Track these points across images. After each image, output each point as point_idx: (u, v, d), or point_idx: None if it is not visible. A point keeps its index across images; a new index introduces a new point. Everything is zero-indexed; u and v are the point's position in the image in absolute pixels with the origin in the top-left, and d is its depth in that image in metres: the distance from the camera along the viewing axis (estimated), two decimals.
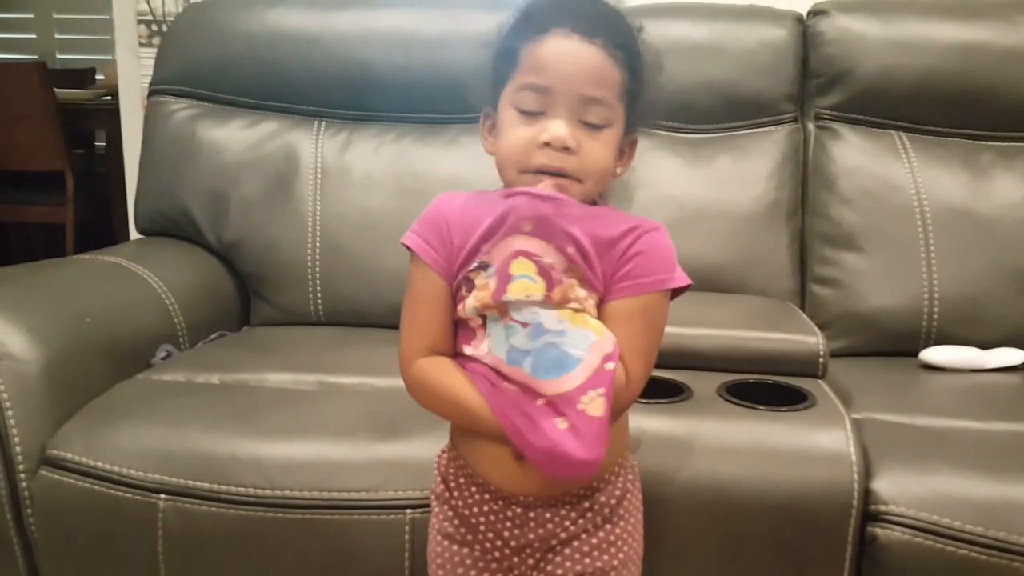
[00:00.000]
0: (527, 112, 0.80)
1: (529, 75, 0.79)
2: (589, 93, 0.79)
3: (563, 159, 0.79)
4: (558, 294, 0.78)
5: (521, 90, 0.80)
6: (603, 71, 0.79)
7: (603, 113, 0.79)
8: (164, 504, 1.07)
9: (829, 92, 1.61)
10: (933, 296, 1.47)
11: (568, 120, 0.79)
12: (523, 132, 0.80)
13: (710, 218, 1.55)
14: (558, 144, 0.78)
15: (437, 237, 0.83)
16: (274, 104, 1.68)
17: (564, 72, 0.78)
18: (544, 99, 0.79)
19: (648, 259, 0.81)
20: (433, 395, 0.85)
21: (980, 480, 1.01)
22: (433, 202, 0.86)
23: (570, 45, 0.78)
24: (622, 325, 0.80)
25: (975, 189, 1.52)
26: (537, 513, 0.85)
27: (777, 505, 0.99)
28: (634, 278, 0.81)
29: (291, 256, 1.60)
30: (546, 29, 0.79)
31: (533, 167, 0.80)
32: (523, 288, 0.77)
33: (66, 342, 1.20)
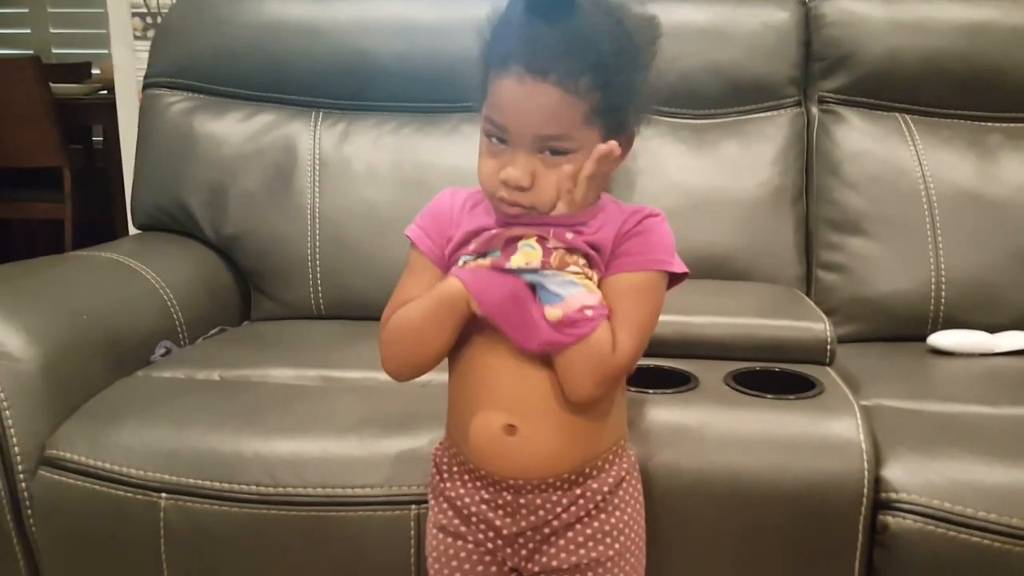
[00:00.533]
0: (495, 140, 0.80)
1: (490, 110, 0.79)
2: (544, 132, 0.77)
3: (519, 196, 0.79)
4: (556, 259, 0.78)
5: (486, 120, 0.80)
6: (558, 110, 0.76)
7: (564, 145, 0.78)
8: (166, 503, 1.06)
9: (833, 75, 1.60)
10: (941, 280, 1.46)
11: (527, 154, 0.78)
12: (488, 164, 0.80)
13: (715, 205, 1.53)
14: (511, 184, 0.78)
15: (435, 230, 0.87)
16: (271, 95, 1.66)
17: (515, 117, 0.77)
18: (503, 133, 0.79)
19: (647, 239, 0.82)
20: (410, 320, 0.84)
21: (992, 466, 1.00)
22: (437, 196, 0.89)
23: (521, 91, 0.76)
24: (616, 298, 0.81)
25: (982, 171, 1.51)
26: (528, 499, 0.85)
27: (787, 495, 0.98)
28: (632, 255, 0.81)
29: (291, 250, 1.59)
30: (505, 64, 0.77)
31: (496, 199, 0.81)
32: (524, 256, 0.79)
33: (64, 340, 1.19)
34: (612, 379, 0.82)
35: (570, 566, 0.86)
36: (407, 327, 0.85)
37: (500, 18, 0.81)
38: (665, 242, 0.83)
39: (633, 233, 0.82)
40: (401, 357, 0.87)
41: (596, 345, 0.79)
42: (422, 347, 0.85)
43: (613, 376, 0.82)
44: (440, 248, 0.86)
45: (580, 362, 0.80)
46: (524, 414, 0.83)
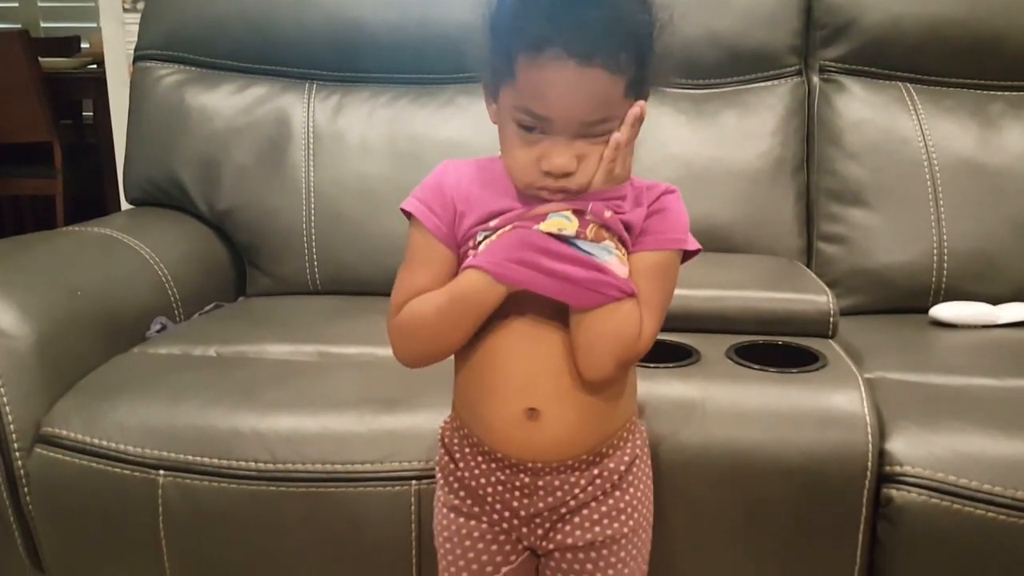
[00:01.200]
0: (528, 129, 0.76)
1: (526, 99, 0.74)
2: (592, 118, 0.74)
3: (564, 182, 0.76)
4: (591, 232, 0.76)
5: (519, 111, 0.76)
6: (605, 94, 0.73)
7: (606, 127, 0.75)
8: (164, 480, 1.05)
9: (834, 43, 1.57)
10: (943, 251, 1.45)
11: (570, 141, 0.75)
12: (525, 154, 0.76)
13: (715, 177, 1.52)
14: (557, 173, 0.75)
15: (440, 204, 0.82)
16: (264, 67, 1.64)
17: (564, 105, 0.73)
18: (543, 124, 0.75)
19: (666, 218, 0.81)
20: (423, 317, 0.81)
21: (997, 438, 1.00)
22: (437, 169, 0.84)
23: (568, 78, 0.72)
24: (639, 277, 0.79)
25: (985, 141, 1.49)
26: (546, 481, 0.83)
27: (790, 468, 0.98)
28: (653, 233, 0.80)
29: (286, 224, 1.57)
30: (540, 47, 0.72)
31: (536, 188, 0.77)
32: (556, 224, 0.76)
33: (58, 317, 1.17)
34: (633, 360, 0.81)
35: (585, 543, 0.85)
36: (422, 324, 0.82)
37: None
38: (682, 220, 0.82)
39: (654, 211, 0.80)
40: (415, 351, 0.84)
41: (624, 325, 0.78)
42: (439, 343, 0.83)
43: (635, 356, 0.81)
44: (448, 225, 0.81)
45: (606, 340, 0.78)
46: (543, 398, 0.81)
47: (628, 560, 0.86)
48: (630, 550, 0.86)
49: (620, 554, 0.85)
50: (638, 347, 0.80)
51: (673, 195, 0.82)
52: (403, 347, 0.84)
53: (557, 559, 0.86)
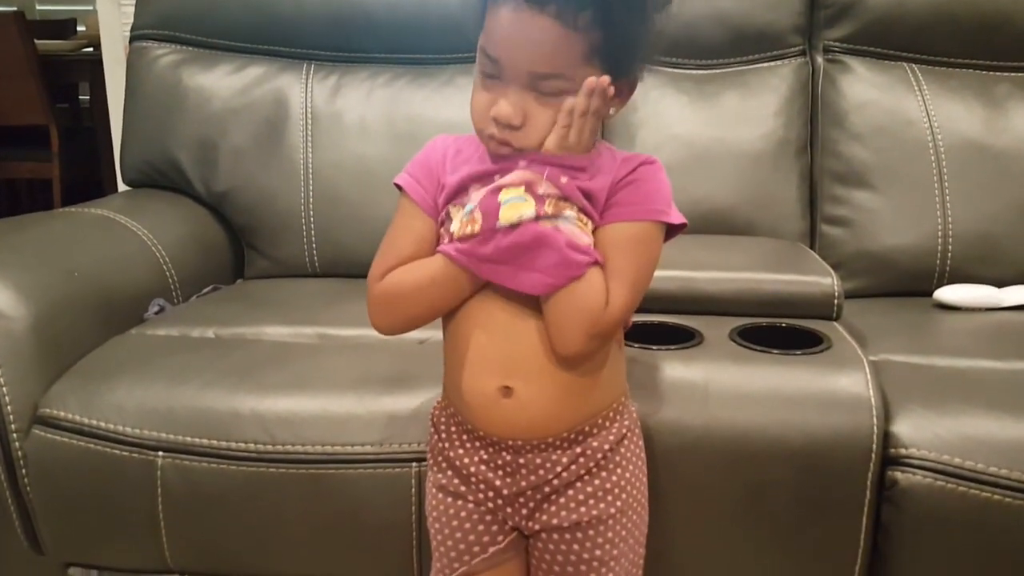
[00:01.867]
0: (486, 75, 0.77)
1: (485, 40, 0.76)
2: (538, 70, 0.74)
3: (508, 134, 0.76)
4: (550, 206, 0.75)
5: (480, 53, 0.77)
6: (554, 46, 0.73)
7: (556, 85, 0.75)
8: (163, 461, 1.04)
9: (838, 23, 1.56)
10: (948, 234, 1.44)
11: (519, 92, 0.75)
12: (480, 99, 0.78)
13: (717, 158, 1.50)
14: (502, 120, 0.75)
15: (426, 177, 0.84)
16: (261, 47, 1.62)
17: (510, 49, 0.74)
18: (496, 67, 0.76)
19: (642, 188, 0.79)
20: (403, 292, 0.83)
21: (1002, 421, 0.99)
22: (428, 144, 0.86)
23: (516, 22, 0.73)
24: (610, 249, 0.78)
25: (991, 122, 1.48)
26: (527, 459, 0.83)
27: (795, 451, 0.97)
28: (627, 204, 0.78)
29: (284, 206, 1.55)
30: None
31: (487, 137, 0.78)
32: (515, 210, 0.75)
33: (55, 298, 1.16)
34: (605, 333, 0.79)
35: (571, 524, 0.84)
36: (402, 298, 0.83)
37: None
38: (662, 191, 0.80)
39: (627, 182, 0.79)
40: (391, 322, 0.86)
41: (587, 296, 0.77)
42: (416, 318, 0.84)
43: (606, 330, 0.79)
44: (432, 197, 0.83)
45: (571, 314, 0.77)
46: (518, 375, 0.81)
47: (617, 541, 0.85)
48: (619, 531, 0.85)
49: (608, 534, 0.85)
50: (605, 318, 0.77)
51: (651, 166, 0.80)
52: (380, 316, 0.85)
53: (544, 540, 0.86)
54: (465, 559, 0.87)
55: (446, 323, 0.85)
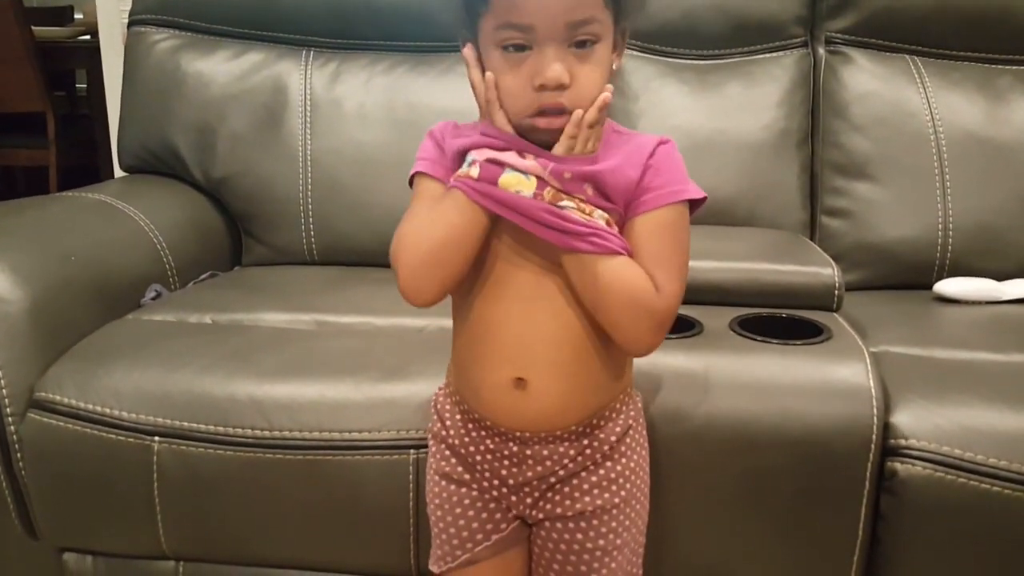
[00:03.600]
0: (513, 50, 0.75)
1: (506, 14, 0.73)
2: (575, 18, 0.73)
3: (559, 96, 0.74)
4: (548, 194, 0.75)
5: (501, 29, 0.74)
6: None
7: (592, 30, 0.74)
8: (159, 446, 1.04)
9: (840, 15, 1.55)
10: (948, 226, 1.43)
11: (558, 51, 0.73)
12: (515, 78, 0.75)
13: (718, 148, 1.50)
14: (552, 85, 0.74)
15: (436, 152, 0.82)
16: (260, 33, 1.61)
17: (541, 7, 0.72)
18: (528, 35, 0.74)
19: (662, 172, 0.78)
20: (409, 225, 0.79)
21: (1001, 412, 0.98)
22: (430, 129, 0.85)
23: None
24: (647, 239, 0.78)
25: (992, 115, 1.47)
26: (535, 450, 0.83)
27: (795, 441, 0.96)
28: (652, 190, 0.78)
29: (282, 193, 1.54)
30: None
31: (532, 112, 0.76)
32: (516, 180, 0.75)
33: (51, 282, 1.15)
34: (666, 322, 0.79)
35: (575, 513, 0.84)
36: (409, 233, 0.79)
37: None
38: (680, 169, 0.80)
39: (648, 166, 0.78)
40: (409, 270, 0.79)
41: (635, 291, 0.76)
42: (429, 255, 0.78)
43: (666, 319, 0.79)
44: (445, 168, 0.81)
45: (627, 313, 0.77)
46: (533, 367, 0.80)
47: (620, 531, 0.85)
48: (622, 520, 0.85)
49: (611, 524, 0.84)
50: (663, 305, 0.77)
51: (667, 145, 0.80)
52: (401, 270, 0.79)
53: (547, 528, 0.86)
54: (468, 546, 0.87)
55: (458, 312, 0.84)
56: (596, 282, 0.77)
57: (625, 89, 1.54)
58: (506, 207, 0.76)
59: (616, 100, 1.53)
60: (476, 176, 0.76)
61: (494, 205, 0.76)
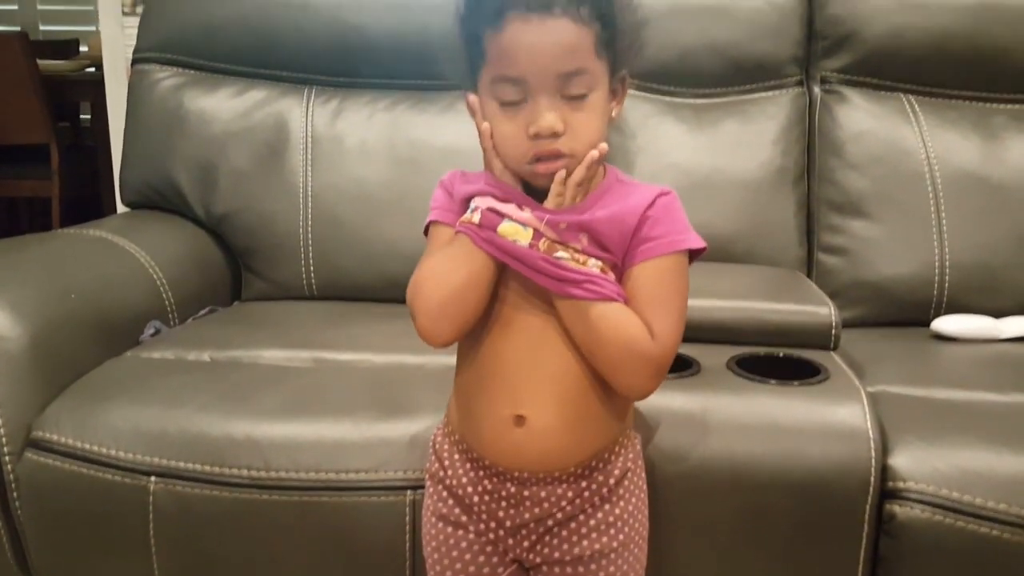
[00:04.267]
0: (508, 103, 0.77)
1: (499, 67, 0.76)
2: (564, 69, 0.75)
3: (554, 143, 0.77)
4: (544, 245, 0.78)
5: (496, 83, 0.77)
6: (572, 41, 0.74)
7: (584, 81, 0.76)
8: (155, 487, 1.03)
9: (836, 54, 1.57)
10: (944, 264, 1.44)
11: (550, 101, 0.76)
12: (509, 127, 0.77)
13: (715, 186, 1.51)
14: (546, 133, 0.76)
15: (447, 199, 0.85)
16: (263, 71, 1.62)
17: (532, 59, 0.74)
18: (521, 88, 0.76)
19: (661, 222, 0.80)
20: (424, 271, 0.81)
21: (1001, 455, 0.98)
22: (440, 179, 0.87)
23: (531, 29, 0.74)
24: (644, 286, 0.79)
25: (987, 153, 1.48)
26: (532, 492, 0.83)
27: (793, 483, 0.96)
28: (652, 239, 0.79)
29: (283, 229, 1.55)
30: (501, 13, 0.74)
31: (528, 159, 0.78)
32: (513, 231, 0.78)
33: (51, 319, 1.16)
34: (662, 369, 0.80)
35: (573, 557, 0.84)
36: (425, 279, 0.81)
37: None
38: (679, 220, 0.81)
39: (646, 217, 0.79)
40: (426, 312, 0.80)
41: (629, 337, 0.78)
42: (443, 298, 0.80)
43: (662, 365, 0.80)
44: (457, 214, 0.83)
45: (622, 358, 0.78)
46: (534, 405, 0.80)
47: (618, 575, 0.84)
48: (620, 565, 0.85)
49: (609, 569, 0.84)
50: (659, 351, 0.78)
51: (667, 197, 0.81)
52: (418, 315, 0.81)
53: (545, 573, 0.85)
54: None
55: (463, 350, 0.85)
56: (590, 328, 0.78)
57: (623, 127, 1.55)
58: (505, 254, 0.78)
59: (614, 138, 1.55)
60: (478, 222, 0.78)
61: (495, 251, 0.78)
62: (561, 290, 0.78)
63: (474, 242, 0.79)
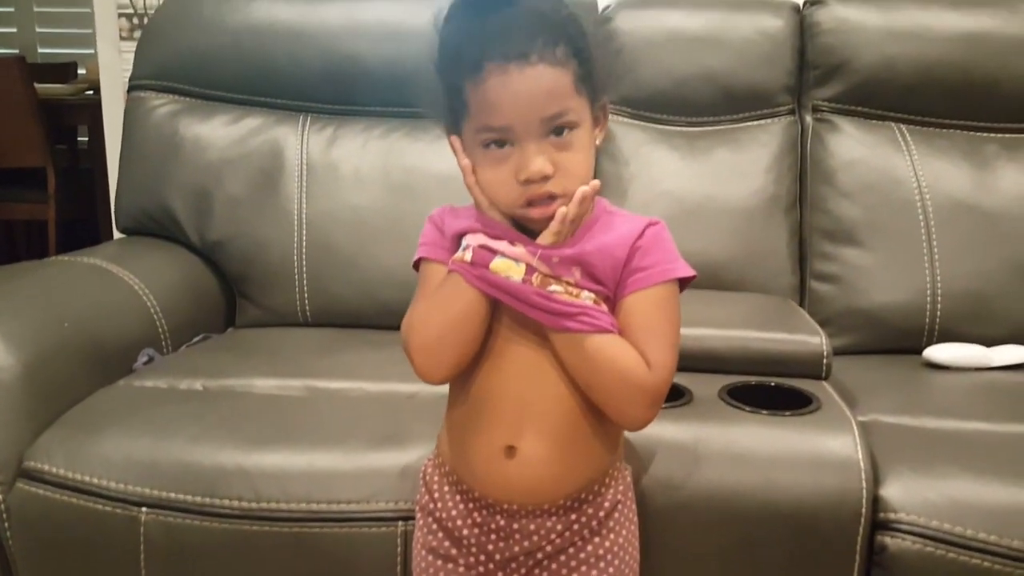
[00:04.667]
0: (495, 150, 0.78)
1: (483, 118, 0.77)
2: (547, 113, 0.76)
3: (545, 186, 0.77)
4: (537, 279, 0.78)
5: (481, 131, 0.78)
6: (552, 85, 0.76)
7: (568, 119, 0.77)
8: (146, 517, 1.03)
9: (827, 83, 1.58)
10: (936, 292, 1.44)
11: (537, 145, 0.77)
12: (499, 174, 0.78)
13: (708, 213, 1.52)
14: (536, 178, 0.77)
15: (437, 235, 0.85)
16: (258, 99, 1.64)
17: (515, 108, 0.75)
18: (507, 135, 0.77)
19: (651, 253, 0.81)
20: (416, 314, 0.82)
21: (993, 486, 0.98)
22: (429, 215, 0.88)
23: (511, 80, 0.75)
24: (637, 316, 0.80)
25: (978, 182, 1.49)
26: (521, 524, 0.83)
27: (785, 514, 0.96)
28: (642, 269, 0.80)
29: (277, 255, 1.56)
30: (480, 66, 0.75)
31: (521, 204, 0.79)
32: (505, 267, 0.78)
33: (44, 348, 1.16)
34: (658, 399, 0.81)
35: None
36: (417, 321, 0.82)
37: (450, 38, 0.79)
38: (668, 250, 0.82)
39: (635, 248, 0.80)
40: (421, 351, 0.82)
41: (625, 368, 0.78)
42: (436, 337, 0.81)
43: (658, 395, 0.80)
44: (448, 251, 0.84)
45: (618, 390, 0.79)
46: (525, 436, 0.81)
47: None
48: None
49: None
50: (654, 381, 0.79)
51: (656, 227, 0.82)
52: (414, 355, 0.82)
53: None
54: None
55: (456, 382, 0.85)
56: (586, 359, 0.79)
57: (616, 154, 1.57)
58: (499, 290, 0.78)
59: (608, 165, 1.56)
60: (470, 260, 0.79)
61: (488, 288, 0.79)
62: (556, 323, 0.78)
63: (467, 280, 0.79)
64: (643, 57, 1.58)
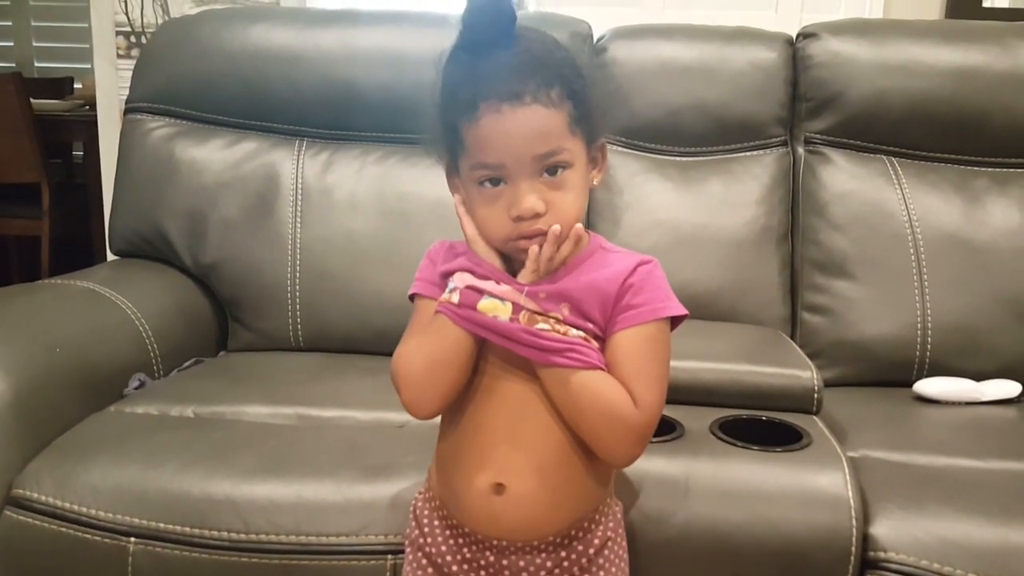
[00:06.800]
0: (488, 187, 0.79)
1: (477, 155, 0.78)
2: (540, 152, 0.77)
3: (536, 224, 0.79)
4: (524, 317, 0.79)
5: (475, 168, 0.79)
6: (545, 126, 0.77)
7: (561, 158, 0.78)
8: (135, 547, 1.02)
9: (819, 116, 1.59)
10: (927, 325, 1.45)
11: (530, 183, 0.78)
12: (492, 211, 0.80)
13: (701, 243, 1.52)
14: (528, 215, 0.78)
15: (432, 272, 0.86)
16: (255, 123, 1.64)
17: (508, 147, 0.77)
18: (499, 172, 0.78)
19: (643, 291, 0.81)
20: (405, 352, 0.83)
21: (983, 525, 0.98)
22: (428, 249, 0.89)
23: (505, 120, 0.76)
24: (626, 354, 0.80)
25: (969, 216, 1.50)
26: (511, 560, 0.83)
27: (775, 550, 0.96)
28: (633, 307, 0.81)
29: (270, 279, 1.56)
30: (475, 106, 0.77)
31: (513, 239, 0.80)
32: (492, 307, 0.79)
33: (35, 374, 1.16)
34: (645, 436, 0.81)
35: None
36: (405, 360, 0.83)
37: (449, 78, 0.80)
38: (661, 288, 0.83)
39: (627, 286, 0.81)
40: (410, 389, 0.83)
41: (611, 405, 0.79)
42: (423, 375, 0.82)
43: (645, 433, 0.81)
44: (440, 288, 0.85)
45: (604, 426, 0.79)
46: (513, 473, 0.81)
47: None
48: None
49: None
50: (641, 419, 0.79)
51: (648, 266, 0.83)
52: (401, 389, 0.83)
53: None
54: None
55: (446, 417, 0.86)
56: (572, 395, 0.79)
57: (610, 183, 1.57)
58: (487, 329, 0.79)
59: (602, 194, 1.57)
60: (456, 302, 0.79)
61: (475, 328, 0.79)
62: (544, 359, 0.79)
63: (454, 321, 0.80)
64: (637, 87, 1.59)
